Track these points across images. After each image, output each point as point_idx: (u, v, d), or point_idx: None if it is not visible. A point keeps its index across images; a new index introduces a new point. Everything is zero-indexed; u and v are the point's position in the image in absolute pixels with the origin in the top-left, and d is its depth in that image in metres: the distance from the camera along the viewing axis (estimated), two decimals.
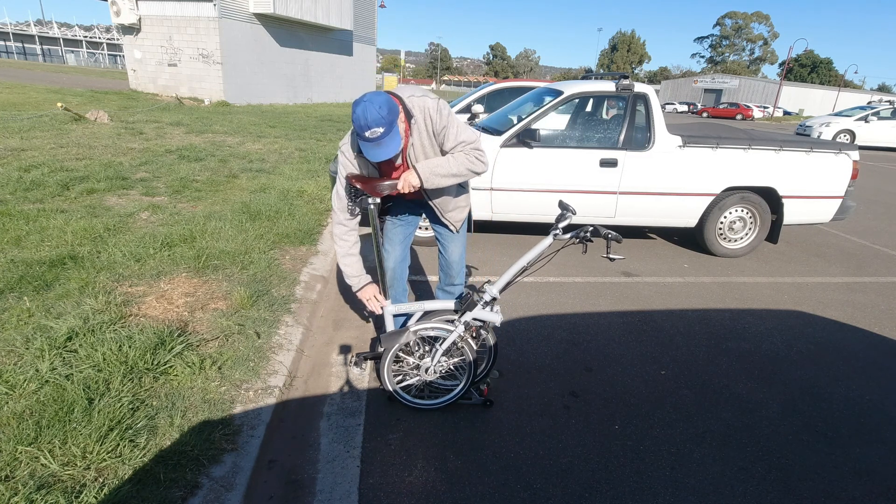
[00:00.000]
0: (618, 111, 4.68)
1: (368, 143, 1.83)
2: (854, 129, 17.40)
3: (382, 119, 1.79)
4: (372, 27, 27.19)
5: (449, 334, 2.13)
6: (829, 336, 3.27)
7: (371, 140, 1.81)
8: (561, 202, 2.12)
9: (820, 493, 1.96)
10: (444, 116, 2.02)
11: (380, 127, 1.79)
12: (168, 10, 16.97)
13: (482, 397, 2.36)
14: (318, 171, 6.78)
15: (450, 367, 2.24)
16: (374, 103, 1.79)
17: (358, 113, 1.78)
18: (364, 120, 1.78)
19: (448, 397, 2.28)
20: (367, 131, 1.79)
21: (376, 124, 1.78)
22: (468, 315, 2.08)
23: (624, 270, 4.28)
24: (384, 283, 2.28)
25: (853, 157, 4.57)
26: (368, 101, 1.79)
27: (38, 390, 2.00)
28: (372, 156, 1.87)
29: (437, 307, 2.26)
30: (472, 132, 2.10)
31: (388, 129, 1.81)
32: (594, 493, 1.89)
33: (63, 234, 3.65)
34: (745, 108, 38.65)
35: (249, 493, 1.75)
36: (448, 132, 2.05)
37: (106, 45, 59.62)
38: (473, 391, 2.35)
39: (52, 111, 10.19)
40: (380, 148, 1.84)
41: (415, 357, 2.23)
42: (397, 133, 1.87)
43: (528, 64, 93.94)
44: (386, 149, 1.85)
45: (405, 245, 2.50)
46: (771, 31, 73.20)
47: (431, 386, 2.32)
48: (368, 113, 1.77)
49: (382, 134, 1.80)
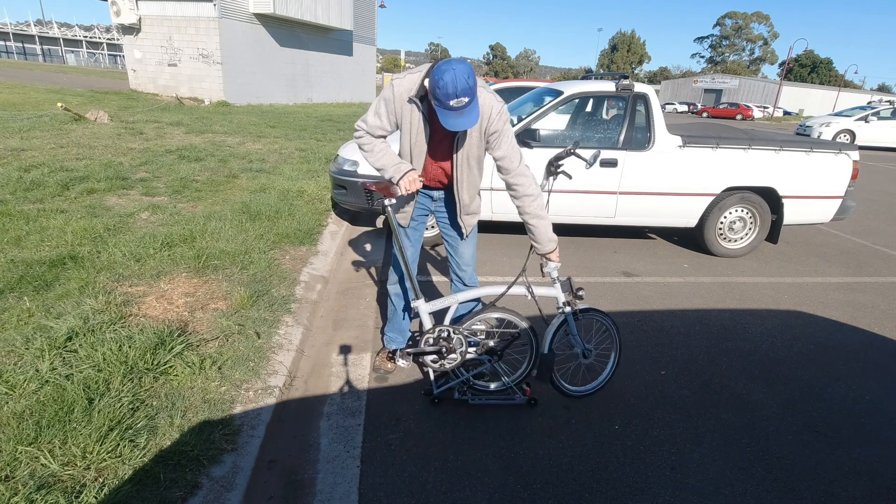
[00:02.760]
0: (618, 111, 4.68)
1: (451, 111, 1.76)
2: (854, 129, 17.40)
3: (470, 89, 1.72)
4: (372, 27, 27.18)
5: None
6: (829, 336, 3.27)
7: (455, 109, 1.75)
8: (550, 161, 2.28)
9: (820, 493, 1.96)
10: (503, 121, 2.00)
11: (467, 97, 1.73)
12: (168, 10, 16.97)
13: (525, 397, 2.37)
14: (318, 171, 6.78)
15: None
16: (464, 72, 1.71)
17: (447, 80, 1.70)
18: (454, 87, 1.70)
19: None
20: (453, 100, 1.72)
21: (465, 94, 1.72)
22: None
23: (624, 270, 4.27)
24: (413, 282, 2.20)
25: (853, 157, 4.57)
26: (457, 69, 1.71)
27: (38, 390, 2.00)
28: (451, 125, 1.80)
29: (482, 294, 2.27)
30: (519, 151, 2.10)
31: (472, 98, 1.75)
32: (594, 493, 1.89)
33: (63, 234, 3.65)
34: (745, 109, 38.67)
35: (249, 494, 1.75)
36: (501, 139, 2.02)
37: (106, 45, 59.61)
38: (517, 390, 2.37)
39: (52, 111, 10.19)
40: (462, 118, 1.78)
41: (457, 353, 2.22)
42: (478, 104, 1.81)
43: (528, 64, 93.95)
44: (468, 118, 1.79)
45: (418, 247, 2.49)
46: (771, 31, 73.25)
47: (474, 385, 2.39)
48: (459, 81, 1.70)
49: (467, 103, 1.74)
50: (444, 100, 1.75)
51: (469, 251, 2.44)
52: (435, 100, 1.80)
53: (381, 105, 2.03)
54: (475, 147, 2.08)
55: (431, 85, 1.79)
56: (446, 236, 2.45)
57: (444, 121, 1.81)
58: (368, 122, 2.08)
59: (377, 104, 2.05)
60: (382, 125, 2.06)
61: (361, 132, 2.11)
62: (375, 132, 2.09)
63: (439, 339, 2.14)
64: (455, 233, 2.40)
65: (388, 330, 2.68)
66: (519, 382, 2.39)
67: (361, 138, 2.12)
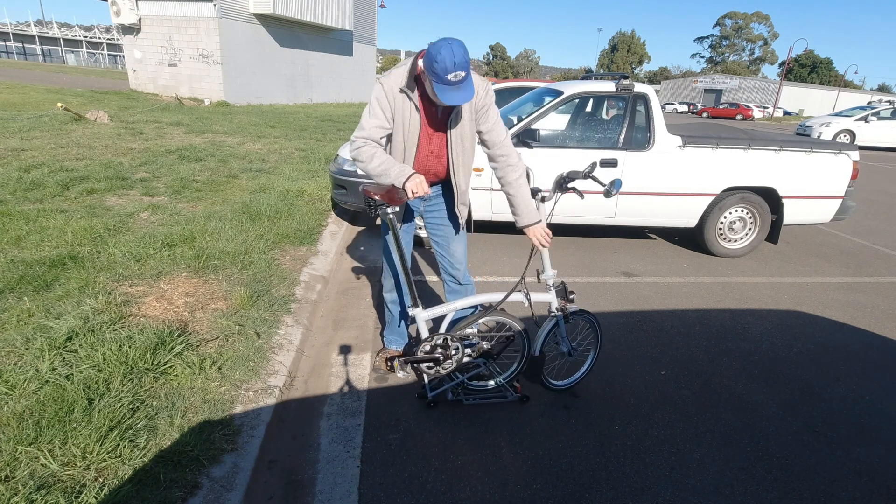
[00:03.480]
0: (618, 111, 4.68)
1: (449, 86, 1.82)
2: (854, 130, 17.41)
3: (466, 63, 1.79)
4: (372, 27, 27.19)
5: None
6: (829, 336, 3.27)
7: (453, 83, 1.81)
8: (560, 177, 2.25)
9: (820, 493, 1.96)
10: (490, 97, 2.11)
11: (464, 70, 1.79)
12: (168, 10, 16.97)
13: (517, 394, 2.39)
14: (318, 171, 6.78)
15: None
16: (459, 46, 1.77)
17: (444, 54, 1.76)
18: (452, 62, 1.76)
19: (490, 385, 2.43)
20: (451, 73, 1.78)
21: (462, 68, 1.78)
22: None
23: (624, 270, 4.27)
24: (411, 289, 2.18)
25: (853, 158, 4.57)
26: (453, 44, 1.78)
27: (38, 390, 2.00)
28: (449, 99, 1.84)
29: (479, 301, 2.28)
30: (504, 125, 2.21)
31: (468, 73, 1.82)
32: (594, 493, 1.89)
33: (63, 234, 3.65)
34: (745, 109, 38.67)
35: (249, 494, 1.75)
36: (489, 112, 2.12)
37: (106, 46, 59.59)
38: (509, 388, 2.40)
39: (52, 111, 10.19)
40: (460, 92, 1.84)
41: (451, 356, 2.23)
42: (472, 79, 1.88)
43: (528, 64, 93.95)
44: (465, 93, 1.85)
45: (409, 250, 2.50)
46: (771, 31, 73.25)
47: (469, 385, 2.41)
48: (457, 55, 1.76)
49: (464, 77, 1.81)
50: (443, 74, 1.79)
51: (461, 248, 2.45)
52: (433, 75, 1.83)
53: (375, 105, 2.05)
54: (467, 126, 2.13)
55: (427, 63, 1.82)
56: (436, 237, 2.44)
57: (442, 96, 1.84)
58: (366, 127, 2.06)
59: (370, 107, 2.07)
60: (381, 123, 2.06)
61: (360, 142, 2.07)
62: (375, 135, 2.07)
63: (436, 347, 2.16)
64: (445, 231, 2.39)
65: (388, 333, 2.69)
66: (510, 380, 2.42)
67: (361, 148, 2.06)
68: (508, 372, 2.44)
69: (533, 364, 2.31)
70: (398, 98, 2.02)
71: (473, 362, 2.29)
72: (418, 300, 2.18)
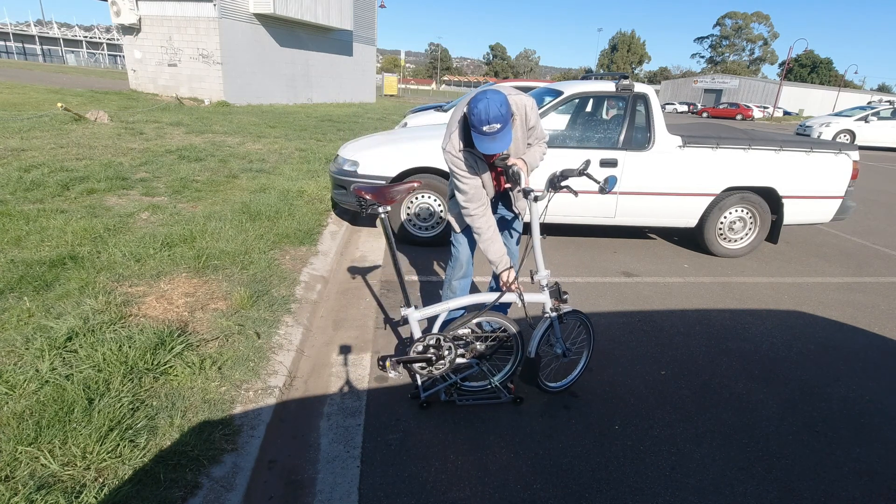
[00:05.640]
0: (618, 111, 4.67)
1: (484, 136, 2.01)
2: (854, 130, 17.41)
3: (502, 116, 1.96)
4: (372, 27, 27.18)
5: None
6: (829, 336, 3.27)
7: (488, 134, 1.99)
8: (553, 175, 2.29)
9: (820, 493, 1.96)
10: (536, 113, 2.33)
11: (498, 123, 1.96)
12: (168, 11, 16.96)
13: (511, 395, 2.40)
14: (318, 171, 6.78)
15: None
16: (495, 101, 1.96)
17: (480, 108, 1.95)
18: (486, 115, 1.95)
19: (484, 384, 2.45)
20: (485, 126, 1.97)
21: (496, 121, 1.96)
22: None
23: (624, 270, 4.27)
24: (403, 288, 2.20)
25: (853, 158, 4.57)
26: (490, 98, 1.96)
27: (38, 390, 2.00)
28: (485, 148, 2.04)
29: (473, 301, 2.28)
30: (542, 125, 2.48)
31: (504, 125, 1.99)
32: (594, 493, 1.89)
33: (63, 234, 3.65)
34: (745, 109, 38.66)
35: (249, 494, 1.75)
36: (538, 126, 2.36)
37: (106, 46, 59.60)
38: (503, 389, 2.40)
39: (52, 111, 10.19)
40: (495, 142, 2.01)
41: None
42: (510, 129, 2.07)
43: (528, 64, 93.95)
44: (500, 143, 2.02)
45: (475, 247, 2.65)
46: (771, 31, 73.26)
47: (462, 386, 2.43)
48: (491, 109, 1.95)
49: (499, 129, 1.98)
50: (478, 126, 1.98)
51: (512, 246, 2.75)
52: (471, 125, 2.04)
53: (455, 167, 2.25)
54: (521, 143, 2.36)
55: (468, 112, 2.03)
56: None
57: (478, 145, 2.05)
58: (468, 182, 2.23)
59: (454, 171, 2.26)
60: (475, 173, 2.27)
61: (469, 195, 2.24)
62: (476, 182, 2.26)
63: (429, 347, 2.16)
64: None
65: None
66: (504, 382, 2.41)
67: (472, 203, 2.25)
68: (502, 373, 2.43)
69: (529, 366, 2.30)
70: (465, 154, 2.24)
71: (467, 363, 2.30)
72: (411, 300, 2.19)
